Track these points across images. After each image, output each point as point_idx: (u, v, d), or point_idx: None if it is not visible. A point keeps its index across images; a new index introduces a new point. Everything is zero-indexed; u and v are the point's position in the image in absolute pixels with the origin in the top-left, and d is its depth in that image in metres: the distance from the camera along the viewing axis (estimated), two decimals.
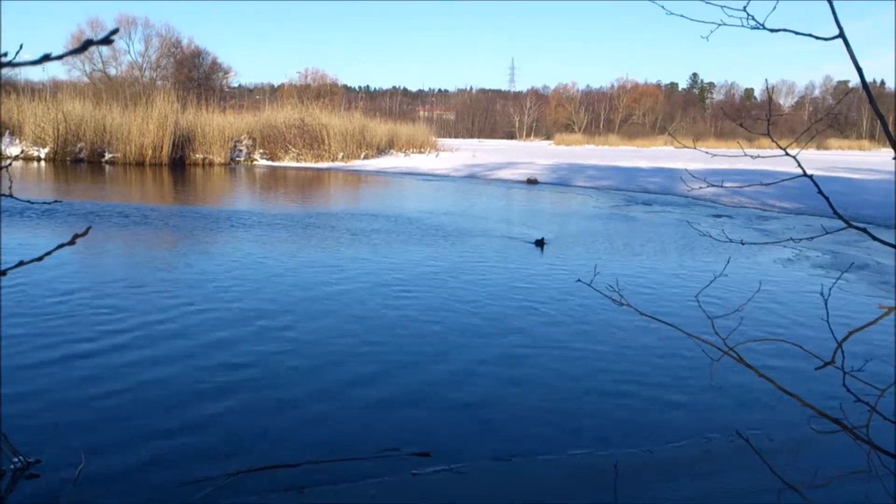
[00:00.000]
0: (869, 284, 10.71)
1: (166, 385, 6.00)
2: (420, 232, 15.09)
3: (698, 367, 6.67)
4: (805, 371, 6.37)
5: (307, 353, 6.96)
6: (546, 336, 7.77)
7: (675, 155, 52.85)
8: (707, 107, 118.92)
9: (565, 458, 4.90)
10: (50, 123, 34.29)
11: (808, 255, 13.20)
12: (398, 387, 6.14)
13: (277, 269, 10.93)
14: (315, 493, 4.33)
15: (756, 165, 33.66)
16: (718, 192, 24.80)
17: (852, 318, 8.41)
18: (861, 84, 2.17)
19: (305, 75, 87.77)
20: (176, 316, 8.08)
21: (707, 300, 8.42)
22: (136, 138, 33.58)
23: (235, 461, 4.65)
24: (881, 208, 20.54)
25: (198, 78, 64.66)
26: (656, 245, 14.35)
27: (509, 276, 10.82)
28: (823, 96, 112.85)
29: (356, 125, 42.45)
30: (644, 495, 4.42)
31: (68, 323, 7.65)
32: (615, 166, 39.65)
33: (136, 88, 45.78)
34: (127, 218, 16.01)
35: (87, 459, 4.56)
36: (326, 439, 5.09)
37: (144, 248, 12.81)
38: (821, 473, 4.62)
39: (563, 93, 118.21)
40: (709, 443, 5.19)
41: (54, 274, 9.86)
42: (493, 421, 5.51)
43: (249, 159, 38.26)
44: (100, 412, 5.40)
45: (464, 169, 36.31)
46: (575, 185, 29.32)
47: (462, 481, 4.54)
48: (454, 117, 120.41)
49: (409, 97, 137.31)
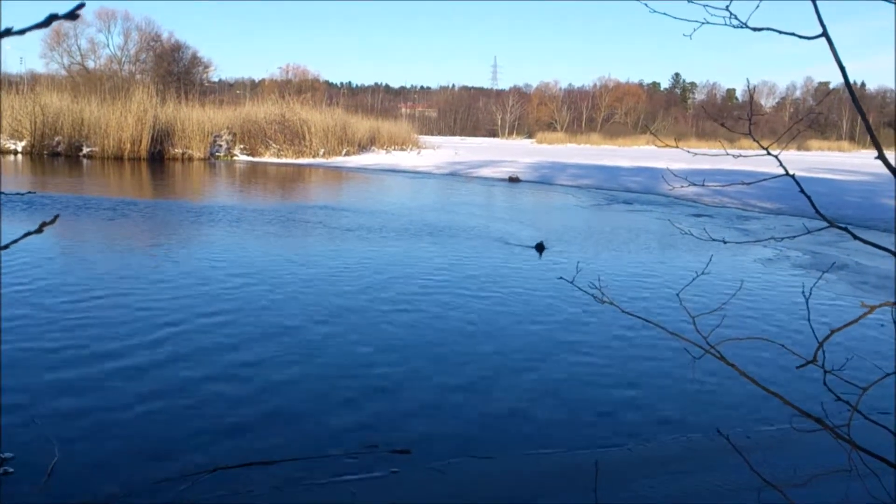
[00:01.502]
0: (849, 284, 10.79)
1: (142, 381, 5.92)
2: (400, 228, 15.04)
3: (680, 366, 6.68)
4: (787, 370, 6.40)
5: (286, 349, 6.90)
6: (525, 333, 7.76)
7: (657, 154, 53.10)
8: (689, 107, 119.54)
9: (545, 455, 4.88)
10: (27, 116, 33.87)
11: (789, 256, 13.29)
12: (376, 385, 6.10)
13: (256, 265, 10.84)
14: (294, 491, 4.28)
15: (737, 166, 33.84)
16: (700, 191, 24.93)
17: (833, 318, 8.46)
18: (844, 82, 2.15)
19: (287, 70, 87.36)
20: (152, 310, 7.99)
21: (689, 299, 8.43)
22: (115, 132, 33.24)
23: (212, 458, 4.59)
24: (861, 209, 20.74)
25: (177, 72, 64.14)
26: (638, 244, 14.39)
27: (490, 273, 10.80)
28: (804, 97, 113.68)
29: (338, 121, 42.26)
30: (625, 493, 4.41)
31: (42, 317, 7.54)
32: (597, 165, 39.78)
33: (114, 82, 45.35)
34: (107, 211, 15.83)
35: (60, 454, 4.49)
36: (305, 436, 5.04)
37: (121, 241, 12.66)
38: (802, 472, 4.63)
39: (546, 91, 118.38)
40: (689, 441, 5.20)
41: (23, 266, 9.73)
42: (473, 419, 5.48)
43: (229, 154, 38.01)
44: (75, 408, 5.32)
45: (446, 166, 36.27)
46: (557, 184, 29.37)
47: (443, 479, 4.51)
48: (436, 115, 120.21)
49: (392, 94, 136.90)
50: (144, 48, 65.13)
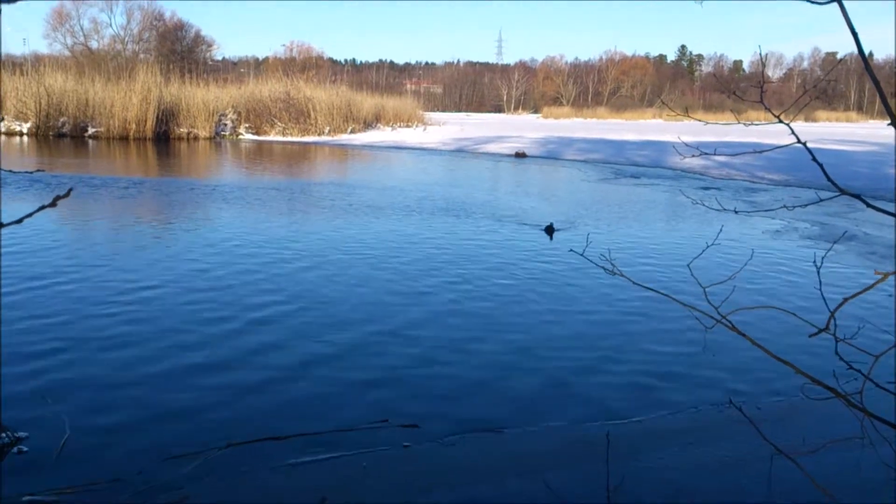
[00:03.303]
0: (857, 255, 10.74)
1: (153, 360, 5.95)
2: (410, 206, 15.02)
3: (691, 337, 6.68)
4: (798, 340, 6.39)
5: (295, 325, 6.92)
6: (535, 306, 7.75)
7: (665, 128, 52.79)
8: (696, 79, 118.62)
9: (556, 428, 4.89)
10: (31, 97, 33.83)
11: (797, 227, 13.22)
12: (385, 359, 6.11)
13: (263, 242, 10.84)
14: (306, 466, 4.30)
15: (745, 138, 33.65)
16: (708, 164, 24.80)
17: (844, 288, 8.43)
18: (856, 48, 2.11)
19: (290, 48, 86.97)
20: (160, 288, 8.01)
21: (699, 271, 8.39)
22: (120, 112, 33.19)
23: (224, 434, 4.62)
24: (870, 179, 20.60)
25: (181, 51, 63.98)
26: (647, 216, 14.34)
27: (499, 249, 10.78)
28: (812, 68, 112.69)
29: (342, 99, 42.09)
30: (636, 464, 4.42)
31: (51, 294, 7.57)
32: (604, 139, 39.54)
33: (118, 62, 45.24)
34: (118, 190, 15.85)
35: (72, 432, 4.53)
36: (315, 412, 5.06)
37: (131, 220, 12.68)
38: (813, 441, 4.64)
39: (551, 65, 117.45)
40: (700, 412, 5.20)
41: (34, 247, 9.76)
42: (483, 393, 5.49)
43: (235, 133, 37.94)
44: (87, 386, 5.36)
45: (452, 143, 36.12)
46: (564, 159, 29.23)
47: (452, 453, 4.53)
48: (441, 91, 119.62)
49: (396, 70, 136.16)
50: (147, 27, 64.85)
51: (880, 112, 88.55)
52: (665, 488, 4.19)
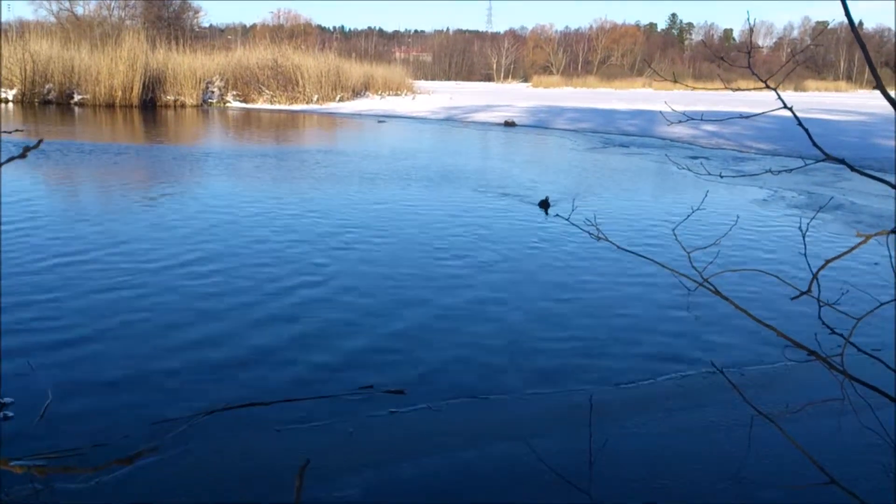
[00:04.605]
0: (844, 224, 10.79)
1: (137, 325, 5.94)
2: (396, 174, 14.97)
3: (674, 302, 6.70)
4: (781, 304, 6.43)
5: (282, 295, 6.90)
6: (520, 273, 7.76)
7: (654, 97, 52.61)
8: (686, 48, 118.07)
9: (540, 395, 4.92)
10: (17, 64, 33.33)
11: (784, 196, 13.25)
12: (372, 327, 6.12)
13: (250, 209, 10.79)
14: (292, 432, 4.31)
15: (734, 108, 33.60)
16: (696, 134, 24.76)
17: (828, 254, 8.46)
18: (845, 14, 2.10)
19: (278, 15, 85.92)
20: (146, 255, 7.97)
21: (685, 237, 8.41)
22: (106, 79, 32.76)
23: (210, 400, 4.63)
24: (857, 149, 20.63)
25: (167, 17, 62.98)
26: (634, 184, 14.34)
27: (485, 217, 10.77)
28: (802, 37, 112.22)
29: (331, 67, 41.65)
30: (619, 429, 4.46)
31: (35, 258, 7.53)
32: (594, 108, 39.40)
33: (104, 28, 44.63)
34: (100, 156, 15.70)
35: (55, 397, 4.52)
36: (300, 378, 5.07)
37: (118, 186, 12.59)
38: (794, 404, 4.68)
39: (541, 34, 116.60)
40: (683, 378, 5.23)
41: (15, 214, 9.68)
42: (468, 360, 5.51)
43: (222, 101, 37.56)
44: (70, 352, 5.34)
45: (441, 111, 35.91)
46: (553, 128, 29.12)
47: (438, 419, 4.55)
48: (431, 59, 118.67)
49: (385, 38, 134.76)
50: None
51: (870, 81, 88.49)
52: (648, 452, 4.23)
